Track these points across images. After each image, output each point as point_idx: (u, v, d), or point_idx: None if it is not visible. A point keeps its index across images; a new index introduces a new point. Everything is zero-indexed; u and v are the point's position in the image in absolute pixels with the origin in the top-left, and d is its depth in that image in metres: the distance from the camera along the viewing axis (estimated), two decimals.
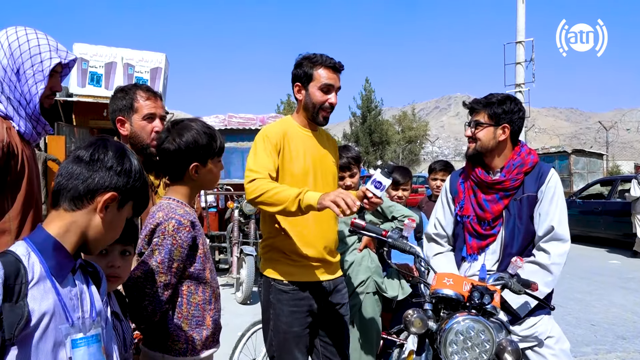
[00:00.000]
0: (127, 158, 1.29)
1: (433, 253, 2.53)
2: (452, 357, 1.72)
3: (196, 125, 1.88)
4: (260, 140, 2.37)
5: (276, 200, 2.11)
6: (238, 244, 6.90)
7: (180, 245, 1.78)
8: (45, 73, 1.78)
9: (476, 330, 1.72)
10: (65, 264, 1.21)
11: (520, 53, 21.12)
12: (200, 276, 1.86)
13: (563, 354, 2.22)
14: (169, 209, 1.82)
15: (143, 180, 1.32)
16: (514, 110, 2.33)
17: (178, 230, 1.77)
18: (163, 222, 1.77)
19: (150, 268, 1.75)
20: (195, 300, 1.85)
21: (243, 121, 7.77)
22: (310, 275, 2.43)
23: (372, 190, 2.26)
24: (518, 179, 2.32)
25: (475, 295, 1.76)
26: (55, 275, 1.18)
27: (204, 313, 1.87)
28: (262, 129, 2.49)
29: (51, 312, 1.15)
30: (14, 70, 1.76)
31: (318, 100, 2.38)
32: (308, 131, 2.49)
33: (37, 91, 1.78)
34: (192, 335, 1.83)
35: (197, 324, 1.85)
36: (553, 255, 2.23)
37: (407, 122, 47.29)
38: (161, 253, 1.75)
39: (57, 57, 1.81)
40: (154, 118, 2.21)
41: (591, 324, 5.61)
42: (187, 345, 1.81)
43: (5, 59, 1.76)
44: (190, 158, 1.85)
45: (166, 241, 1.76)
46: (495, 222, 2.33)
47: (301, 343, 2.40)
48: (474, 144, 2.38)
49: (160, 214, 1.80)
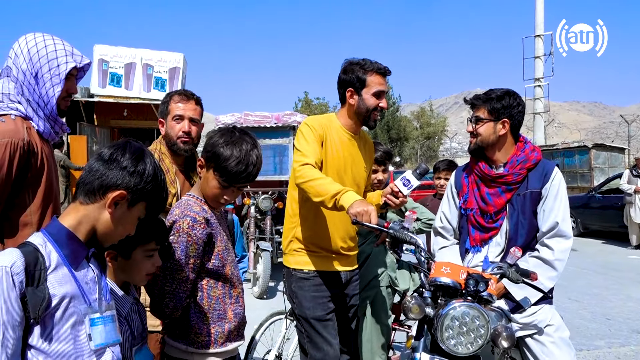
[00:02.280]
0: (142, 161, 1.38)
1: (439, 247, 2.62)
2: (448, 342, 1.80)
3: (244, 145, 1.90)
4: (306, 129, 2.46)
5: (318, 191, 2.21)
6: (254, 240, 7.01)
7: (195, 242, 1.82)
8: (61, 77, 1.90)
9: (471, 316, 1.79)
10: (79, 251, 1.33)
11: (539, 47, 20.89)
12: (219, 272, 1.91)
13: (562, 342, 2.28)
14: (186, 206, 1.87)
15: (157, 183, 1.40)
16: (513, 105, 2.39)
17: (193, 227, 1.81)
18: (178, 220, 1.83)
19: (168, 265, 1.80)
20: (216, 294, 1.90)
21: (259, 119, 7.86)
22: (329, 266, 2.55)
23: (400, 187, 2.37)
24: (521, 174, 2.37)
25: (471, 283, 1.83)
26: (70, 262, 1.31)
27: (224, 307, 1.92)
28: (306, 119, 2.60)
29: (70, 295, 1.28)
30: (32, 74, 1.88)
31: (372, 105, 2.49)
32: (349, 133, 2.58)
33: (54, 93, 1.90)
34: (215, 328, 1.88)
35: (218, 317, 1.90)
36: (557, 251, 2.29)
37: (426, 118, 46.98)
38: (177, 250, 1.80)
39: (73, 61, 1.93)
40: (183, 119, 2.37)
41: (606, 318, 5.59)
42: (209, 338, 1.86)
43: (25, 64, 1.88)
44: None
45: (181, 238, 1.80)
46: (497, 216, 2.40)
47: (329, 327, 2.49)
48: (475, 139, 2.45)
49: (177, 211, 1.87)
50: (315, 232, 2.52)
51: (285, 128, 7.86)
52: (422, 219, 3.34)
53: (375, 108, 2.50)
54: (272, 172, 7.97)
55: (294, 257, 2.56)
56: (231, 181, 1.87)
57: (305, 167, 2.32)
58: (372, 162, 2.81)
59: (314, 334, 2.48)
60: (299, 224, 2.54)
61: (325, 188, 2.21)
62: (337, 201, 2.15)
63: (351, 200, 2.10)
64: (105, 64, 11.22)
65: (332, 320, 2.52)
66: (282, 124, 7.87)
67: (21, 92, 1.89)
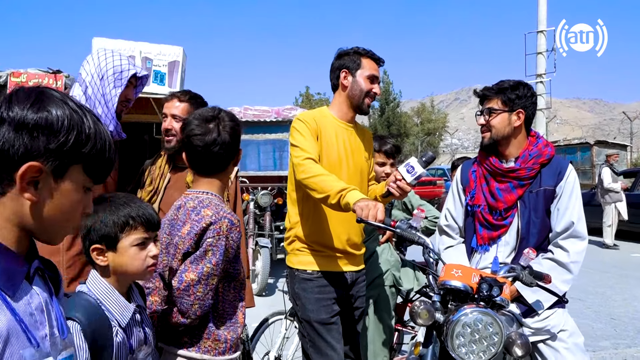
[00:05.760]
0: (43, 107, 0.89)
1: (444, 246, 2.50)
2: (459, 350, 1.69)
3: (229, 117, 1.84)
4: (300, 124, 2.40)
5: (322, 187, 2.14)
6: (253, 236, 6.94)
7: (231, 247, 1.73)
8: (123, 81, 2.22)
9: (484, 323, 1.68)
10: (15, 270, 0.90)
11: (541, 43, 20.70)
12: (236, 275, 1.82)
13: (577, 348, 2.17)
14: (216, 206, 1.74)
15: (80, 130, 0.92)
16: (527, 95, 2.28)
17: (231, 231, 1.72)
18: (217, 222, 1.69)
19: (205, 270, 1.67)
20: (228, 298, 1.80)
21: (258, 113, 7.77)
22: (333, 266, 2.43)
23: (403, 173, 2.24)
24: (534, 169, 2.26)
25: (484, 287, 1.72)
26: (3, 288, 0.87)
27: (236, 311, 1.82)
28: (299, 114, 2.58)
29: (4, 337, 0.83)
30: (99, 76, 2.20)
31: (365, 88, 2.44)
32: (344, 123, 2.51)
33: (116, 94, 2.20)
34: (230, 334, 1.78)
35: (231, 322, 1.80)
36: (572, 253, 2.19)
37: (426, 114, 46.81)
38: (215, 255, 1.68)
39: (134, 68, 2.27)
40: (167, 117, 2.52)
41: (611, 317, 5.49)
42: (225, 345, 1.76)
43: (94, 68, 2.21)
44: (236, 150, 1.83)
45: (221, 242, 1.69)
46: (507, 213, 2.29)
47: (334, 331, 2.39)
48: (488, 132, 2.33)
49: (209, 212, 1.71)
50: (318, 229, 2.41)
51: (285, 123, 7.74)
52: (428, 217, 3.24)
53: (368, 92, 2.45)
54: (272, 167, 7.88)
55: (296, 256, 2.45)
56: None
57: (307, 161, 2.24)
58: (372, 152, 2.71)
59: (317, 338, 2.36)
60: (300, 222, 2.43)
61: (330, 185, 2.12)
62: (343, 197, 2.05)
63: (357, 198, 2.01)
64: None
65: (336, 323, 2.41)
66: (282, 119, 7.78)
67: (85, 89, 2.18)
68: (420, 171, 2.26)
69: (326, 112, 2.54)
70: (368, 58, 2.47)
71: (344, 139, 2.48)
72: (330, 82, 2.55)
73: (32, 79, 10.87)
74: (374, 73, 2.46)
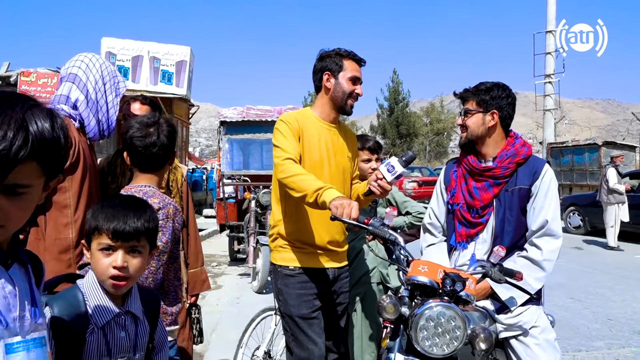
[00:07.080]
0: None
1: (427, 244, 2.56)
2: (423, 342, 1.74)
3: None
4: (282, 125, 2.46)
5: (300, 186, 2.20)
6: (254, 234, 7.01)
7: (177, 229, 1.99)
8: (120, 92, 2.36)
9: (447, 317, 1.73)
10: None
11: (550, 43, 20.60)
12: (177, 257, 2.06)
13: (547, 344, 2.22)
14: (160, 195, 1.97)
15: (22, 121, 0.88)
16: (502, 96, 2.33)
17: (176, 215, 1.97)
18: (164, 207, 1.92)
19: (157, 248, 1.81)
20: (170, 277, 2.02)
21: (261, 113, 7.85)
22: (315, 262, 2.49)
23: (383, 172, 2.30)
24: (509, 168, 2.31)
25: (447, 283, 1.77)
26: None
27: (177, 289, 2.05)
28: (281, 115, 2.60)
29: None
30: (103, 83, 2.30)
31: (347, 90, 2.49)
32: (326, 124, 2.56)
33: (118, 102, 2.34)
34: (174, 308, 2.02)
35: (174, 298, 2.03)
36: (545, 251, 2.23)
37: (436, 114, 46.66)
38: (165, 234, 1.90)
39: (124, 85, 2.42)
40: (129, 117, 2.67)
41: (608, 318, 5.50)
42: (171, 317, 2.00)
43: (98, 74, 2.29)
44: (172, 152, 2.08)
45: (169, 223, 1.92)
46: (484, 211, 2.34)
47: (315, 325, 2.45)
48: (465, 132, 2.40)
49: (156, 200, 1.92)
50: (299, 227, 2.48)
51: None
52: (412, 213, 3.29)
53: (351, 93, 2.51)
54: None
55: (279, 253, 2.52)
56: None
57: (287, 161, 2.30)
58: (356, 152, 2.77)
59: (298, 333, 2.43)
60: (283, 220, 2.50)
61: (307, 184, 2.18)
62: (320, 196, 2.12)
63: (333, 196, 2.07)
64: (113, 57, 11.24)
65: (317, 318, 2.48)
66: None
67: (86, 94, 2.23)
68: (401, 170, 2.32)
69: (309, 113, 2.59)
70: (350, 59, 2.52)
71: (327, 139, 2.53)
72: (312, 83, 2.61)
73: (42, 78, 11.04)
74: (356, 74, 2.51)
